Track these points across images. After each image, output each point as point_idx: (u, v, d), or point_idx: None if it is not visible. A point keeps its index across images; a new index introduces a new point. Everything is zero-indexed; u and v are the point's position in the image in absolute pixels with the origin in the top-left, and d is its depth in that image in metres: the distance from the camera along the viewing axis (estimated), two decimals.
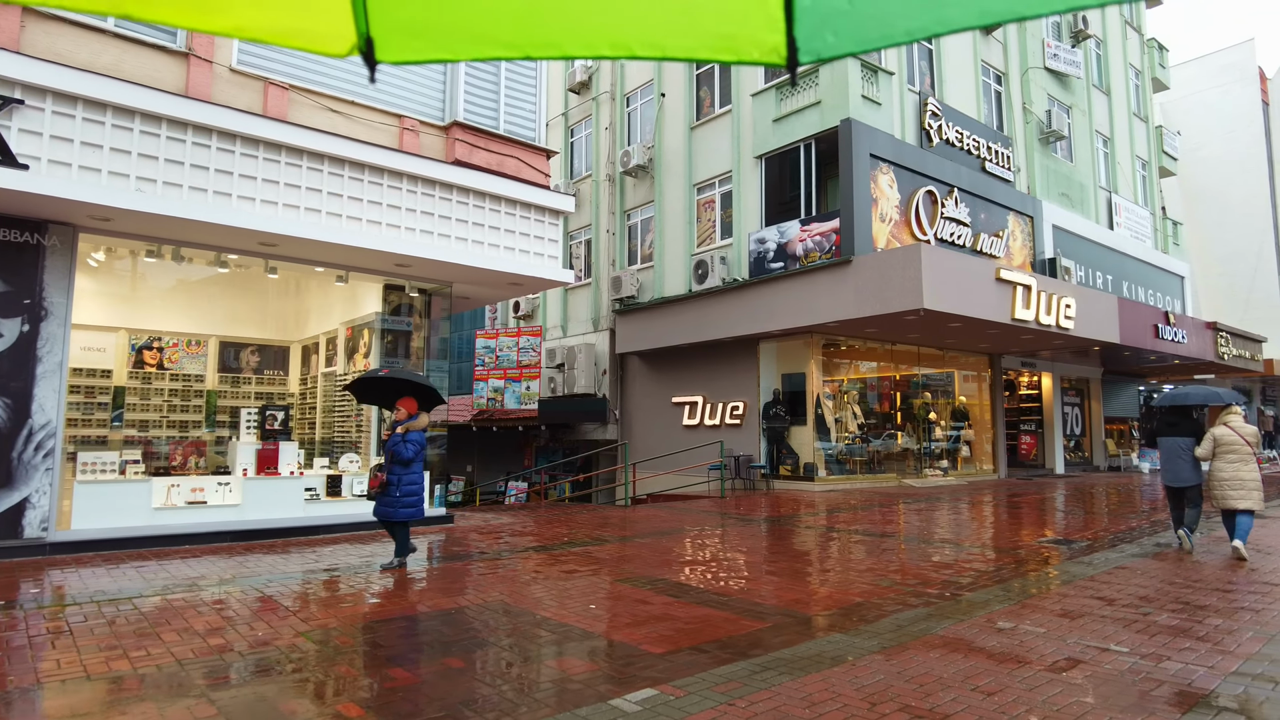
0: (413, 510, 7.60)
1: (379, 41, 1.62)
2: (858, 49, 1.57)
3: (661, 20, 1.62)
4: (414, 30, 1.64)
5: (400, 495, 7.52)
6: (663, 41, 1.63)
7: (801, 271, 15.15)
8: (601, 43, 1.63)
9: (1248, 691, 4.08)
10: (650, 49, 1.63)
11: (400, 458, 7.52)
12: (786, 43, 1.54)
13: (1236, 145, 37.60)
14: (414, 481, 7.63)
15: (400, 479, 7.55)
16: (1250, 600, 6.14)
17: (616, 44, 1.63)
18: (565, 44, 1.63)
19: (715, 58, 1.64)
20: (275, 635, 5.11)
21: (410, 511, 7.58)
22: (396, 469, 7.57)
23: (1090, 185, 23.11)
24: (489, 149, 10.98)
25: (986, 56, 19.83)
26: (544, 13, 1.63)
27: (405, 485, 7.56)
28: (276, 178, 9.09)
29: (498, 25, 1.63)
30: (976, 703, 3.89)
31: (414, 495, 7.60)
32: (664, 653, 4.75)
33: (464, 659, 4.67)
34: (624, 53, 1.63)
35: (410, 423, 7.71)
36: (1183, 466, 8.61)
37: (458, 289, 11.78)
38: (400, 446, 7.54)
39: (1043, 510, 12.72)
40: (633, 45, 1.63)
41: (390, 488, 7.53)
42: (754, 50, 1.59)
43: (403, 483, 7.55)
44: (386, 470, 7.58)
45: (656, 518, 12.00)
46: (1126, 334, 18.35)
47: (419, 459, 7.69)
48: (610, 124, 21.09)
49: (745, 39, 1.58)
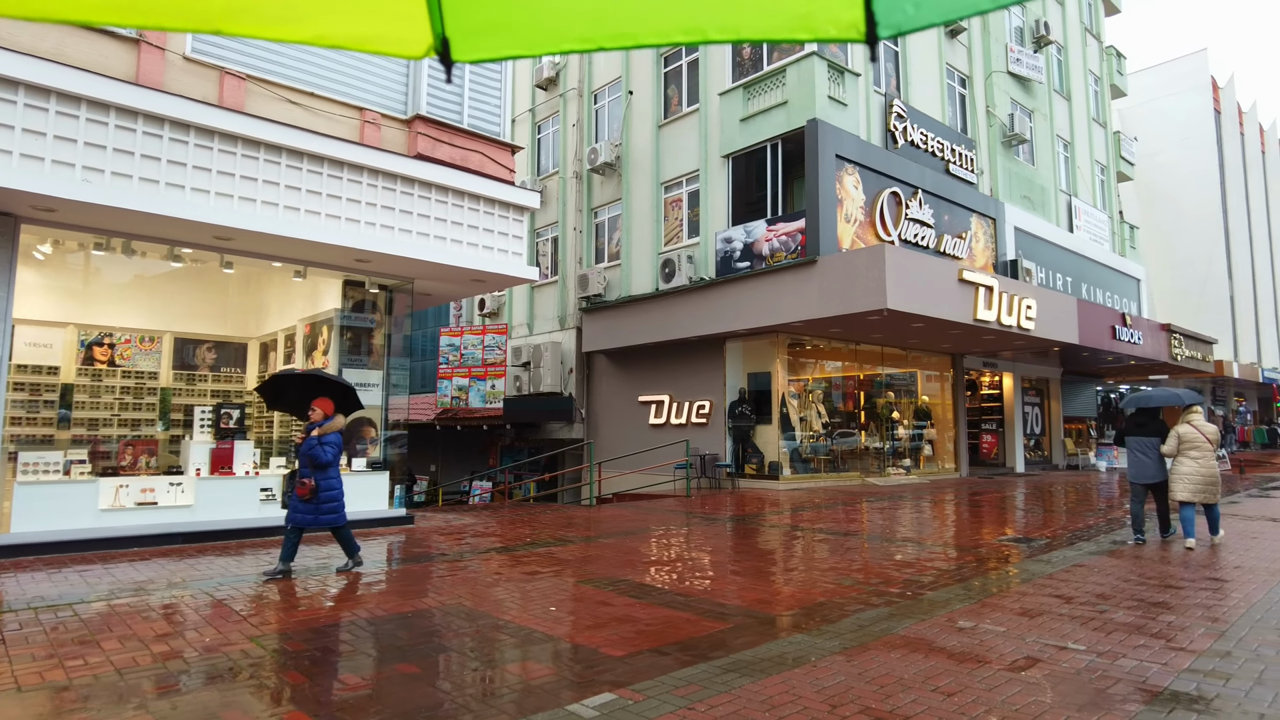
0: (334, 518, 7.27)
1: (454, 42, 1.64)
2: (941, 19, 1.54)
3: (737, 2, 1.61)
4: (489, 29, 1.66)
5: (320, 503, 7.16)
6: (737, 23, 1.62)
7: (767, 271, 15.18)
8: (675, 29, 1.63)
9: (1199, 688, 4.12)
10: (724, 32, 1.62)
11: (319, 461, 7.15)
12: (865, 17, 1.52)
13: (1190, 152, 38.60)
14: (332, 486, 7.28)
15: (320, 484, 7.19)
16: (1202, 597, 6.24)
17: (690, 29, 1.62)
18: (639, 33, 1.64)
19: (791, 37, 1.62)
20: (224, 641, 4.95)
21: (332, 518, 7.26)
22: (317, 474, 7.20)
23: (1051, 188, 23.50)
24: (452, 143, 10.81)
25: (951, 59, 20.06)
26: (619, 3, 1.63)
27: (324, 491, 7.20)
28: (232, 170, 8.85)
29: (572, 19, 1.64)
30: (937, 704, 3.88)
31: (334, 501, 7.26)
32: (624, 655, 4.67)
33: (419, 664, 4.56)
34: (698, 38, 1.62)
35: (327, 425, 7.33)
36: (1149, 464, 9.03)
37: (420, 285, 11.59)
38: (318, 450, 7.16)
39: (1003, 509, 12.88)
40: (707, 30, 1.62)
41: (310, 492, 7.16)
42: (831, 27, 1.57)
43: (321, 488, 7.18)
44: (300, 475, 7.21)
45: (621, 517, 11.92)
46: (1085, 335, 18.69)
47: (337, 462, 7.34)
48: (578, 121, 20.96)
49: (822, 16, 1.57)
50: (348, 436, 11.05)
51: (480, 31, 1.64)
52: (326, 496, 7.20)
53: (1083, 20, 26.91)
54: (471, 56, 1.66)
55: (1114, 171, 28.34)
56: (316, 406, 7.35)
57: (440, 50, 1.63)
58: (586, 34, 1.64)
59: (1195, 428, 8.73)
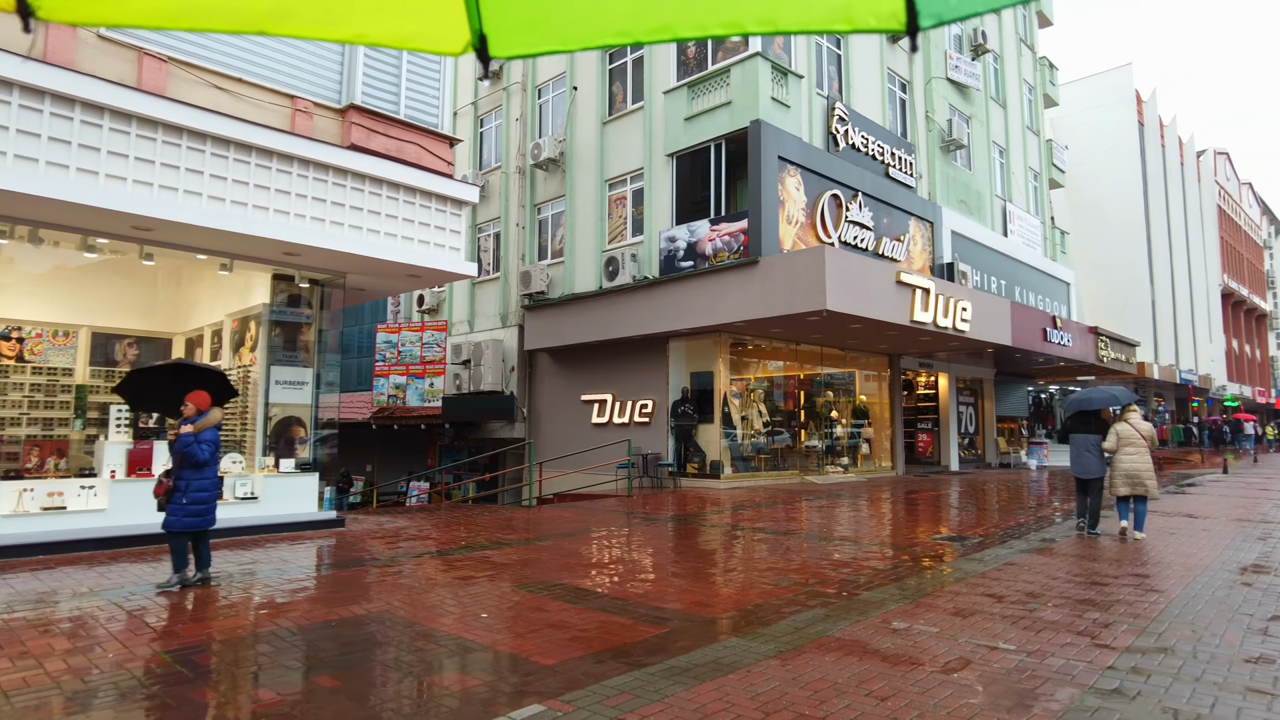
0: (198, 520, 6.62)
1: (492, 38, 1.66)
2: (986, 7, 1.52)
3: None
4: (527, 26, 1.68)
5: (187, 503, 6.55)
6: (776, 16, 1.63)
7: (711, 271, 15.18)
8: (713, 22, 1.63)
9: (1123, 685, 4.18)
10: (762, 24, 1.62)
11: (195, 460, 6.56)
12: (906, 7, 1.51)
13: (1116, 162, 40.14)
14: (205, 488, 6.67)
15: (189, 484, 6.59)
16: (1125, 593, 6.40)
17: (728, 22, 1.62)
18: (677, 26, 1.63)
19: (830, 28, 1.62)
20: (129, 656, 4.65)
21: (194, 521, 6.60)
22: (187, 474, 6.62)
23: (987, 193, 24.11)
24: (388, 134, 10.50)
25: (892, 64, 20.39)
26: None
27: (194, 491, 6.59)
28: (152, 156, 8.41)
29: (609, 14, 1.65)
30: (870, 709, 3.85)
31: (203, 504, 6.64)
32: (556, 664, 4.54)
33: (339, 677, 4.35)
34: (735, 30, 1.62)
35: (203, 420, 6.70)
36: (1090, 460, 9.65)
37: (352, 280, 11.23)
38: (194, 448, 6.56)
39: (938, 507, 13.12)
40: (745, 22, 1.62)
41: (177, 494, 6.57)
42: (870, 18, 1.57)
43: (192, 488, 6.58)
44: (174, 475, 6.63)
45: (561, 519, 11.77)
46: (1018, 336, 19.21)
47: (215, 461, 6.78)
48: (521, 115, 20.68)
49: (861, 6, 1.57)
50: (278, 436, 10.65)
51: (518, 28, 1.67)
52: (196, 499, 6.59)
53: (1018, 31, 27.69)
54: (509, 53, 1.69)
55: (1046, 178, 29.25)
56: (190, 401, 6.72)
57: (478, 47, 1.67)
58: (624, 28, 1.65)
59: (1132, 426, 9.33)
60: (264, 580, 7.08)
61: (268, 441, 10.54)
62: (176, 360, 8.33)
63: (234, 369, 11.29)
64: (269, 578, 7.20)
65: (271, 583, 6.95)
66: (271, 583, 6.95)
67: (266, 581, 7.02)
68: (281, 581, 7.00)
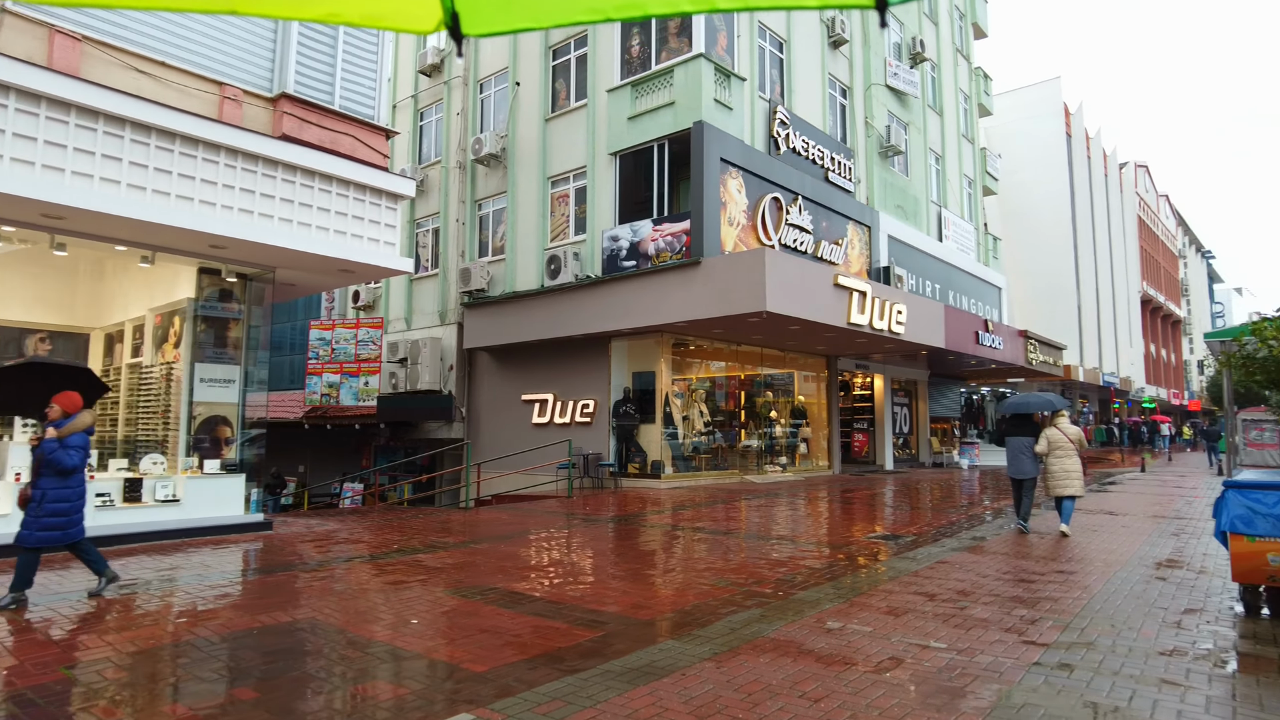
0: (55, 535, 6.00)
1: (464, 15, 1.64)
2: None
3: None
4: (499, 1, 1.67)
5: (43, 515, 5.94)
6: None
7: (653, 271, 15.17)
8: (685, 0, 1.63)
9: (1048, 680, 4.28)
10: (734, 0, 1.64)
11: (61, 467, 5.97)
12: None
13: (1045, 172, 41.62)
14: (67, 498, 6.06)
15: (46, 494, 5.97)
16: (1050, 590, 6.58)
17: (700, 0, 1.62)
18: (648, 3, 1.61)
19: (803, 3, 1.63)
20: (24, 673, 4.37)
21: (50, 536, 5.98)
22: (45, 482, 6.00)
23: (923, 199, 24.69)
24: (322, 125, 10.19)
25: (833, 70, 20.70)
26: None
27: (51, 503, 5.98)
28: (64, 141, 7.98)
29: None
30: (803, 710, 3.85)
31: (62, 516, 6.02)
32: (486, 671, 4.43)
33: (258, 689, 4.16)
34: (706, 6, 1.62)
35: (71, 423, 6.11)
36: (1025, 461, 10.14)
37: (283, 275, 10.86)
38: (61, 454, 5.96)
39: (873, 506, 13.35)
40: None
41: (32, 504, 5.97)
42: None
43: (49, 498, 5.97)
44: (33, 484, 6.04)
45: (499, 520, 11.59)
46: (951, 339, 19.71)
47: (83, 467, 6.17)
48: (462, 110, 20.34)
49: None
50: (203, 436, 10.22)
51: (490, 4, 1.65)
52: (52, 510, 5.99)
53: (954, 41, 28.45)
54: (481, 30, 1.66)
55: (980, 185, 30.12)
56: (56, 403, 6.14)
57: (450, 25, 1.64)
58: (595, 5, 1.63)
59: (1061, 430, 9.89)
60: (184, 587, 6.77)
61: (191, 441, 10.12)
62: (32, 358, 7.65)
63: (156, 366, 10.81)
64: (189, 584, 6.89)
65: (192, 589, 6.64)
66: (192, 589, 6.64)
67: (186, 588, 6.71)
68: (203, 588, 6.70)
